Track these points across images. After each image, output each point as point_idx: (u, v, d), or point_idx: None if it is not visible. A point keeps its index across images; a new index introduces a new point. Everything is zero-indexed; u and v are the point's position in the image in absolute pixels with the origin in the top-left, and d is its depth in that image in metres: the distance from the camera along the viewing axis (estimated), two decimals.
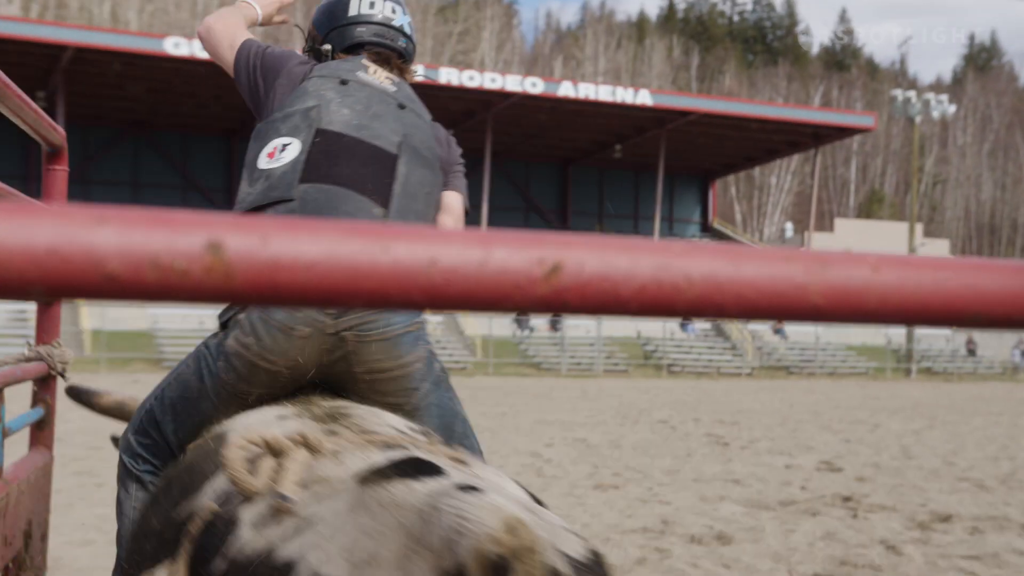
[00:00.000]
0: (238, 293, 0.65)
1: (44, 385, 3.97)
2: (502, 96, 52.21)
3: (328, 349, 3.05)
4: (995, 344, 54.31)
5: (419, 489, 1.98)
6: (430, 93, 45.05)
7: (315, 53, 3.73)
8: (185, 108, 55.53)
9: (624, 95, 53.30)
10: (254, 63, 3.58)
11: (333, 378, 3.14)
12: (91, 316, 42.77)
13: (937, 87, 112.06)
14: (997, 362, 53.37)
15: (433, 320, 47.91)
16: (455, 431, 3.25)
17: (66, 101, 47.11)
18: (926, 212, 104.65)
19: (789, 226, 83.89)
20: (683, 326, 51.56)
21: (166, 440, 3.21)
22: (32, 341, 4.03)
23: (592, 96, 52.67)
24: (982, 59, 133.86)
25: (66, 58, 45.63)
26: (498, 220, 63.45)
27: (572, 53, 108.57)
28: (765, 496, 10.97)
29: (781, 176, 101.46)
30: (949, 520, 9.78)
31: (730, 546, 8.44)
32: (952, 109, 60.60)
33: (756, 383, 41.98)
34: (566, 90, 52.73)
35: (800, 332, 53.06)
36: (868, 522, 9.67)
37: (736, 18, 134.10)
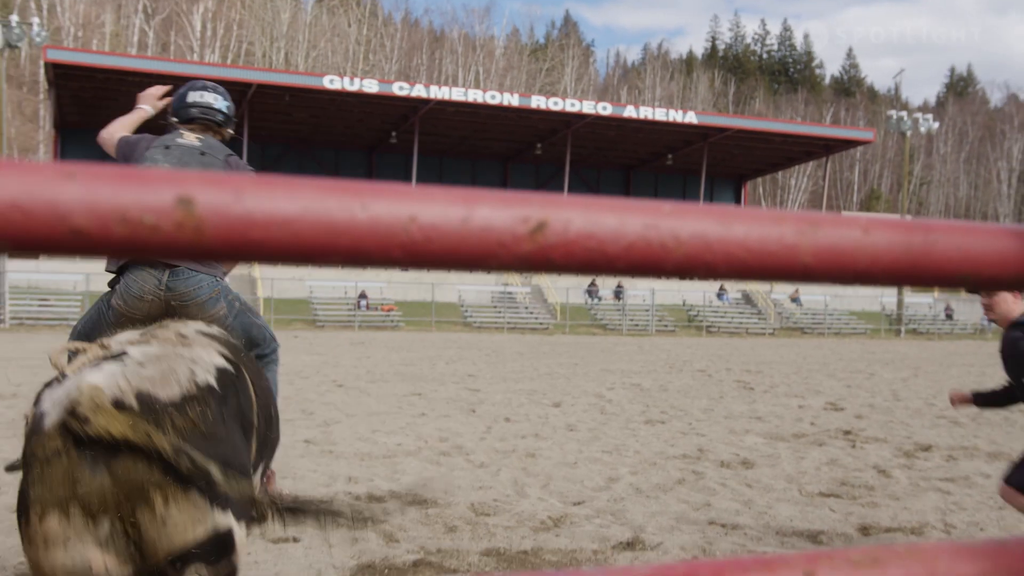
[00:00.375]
0: (209, 249, 0.50)
1: None
2: (579, 117, 52.35)
3: (165, 309, 3.97)
4: (968, 310, 53.98)
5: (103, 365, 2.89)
6: (523, 115, 45.58)
7: (167, 124, 4.64)
8: (337, 129, 56.54)
9: (675, 116, 53.38)
10: (122, 152, 4.53)
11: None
12: (264, 286, 43.37)
13: (924, 108, 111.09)
14: (970, 324, 52.88)
15: (522, 291, 48.02)
16: (253, 333, 4.32)
17: (250, 125, 47.95)
18: (914, 207, 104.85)
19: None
20: (719, 295, 51.21)
21: None
22: None
23: (650, 117, 52.83)
24: (960, 86, 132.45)
25: (251, 92, 46.65)
26: None
27: (635, 83, 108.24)
28: (781, 430, 10.74)
29: (799, 179, 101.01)
30: (929, 449, 9.65)
31: (752, 469, 8.24)
32: (936, 125, 60.38)
33: (777, 341, 41.38)
34: (630, 112, 52.94)
35: (812, 300, 52.66)
36: (864, 451, 9.46)
37: (764, 55, 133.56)
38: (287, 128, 56.68)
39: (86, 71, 44.77)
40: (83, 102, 49.73)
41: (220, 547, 2.87)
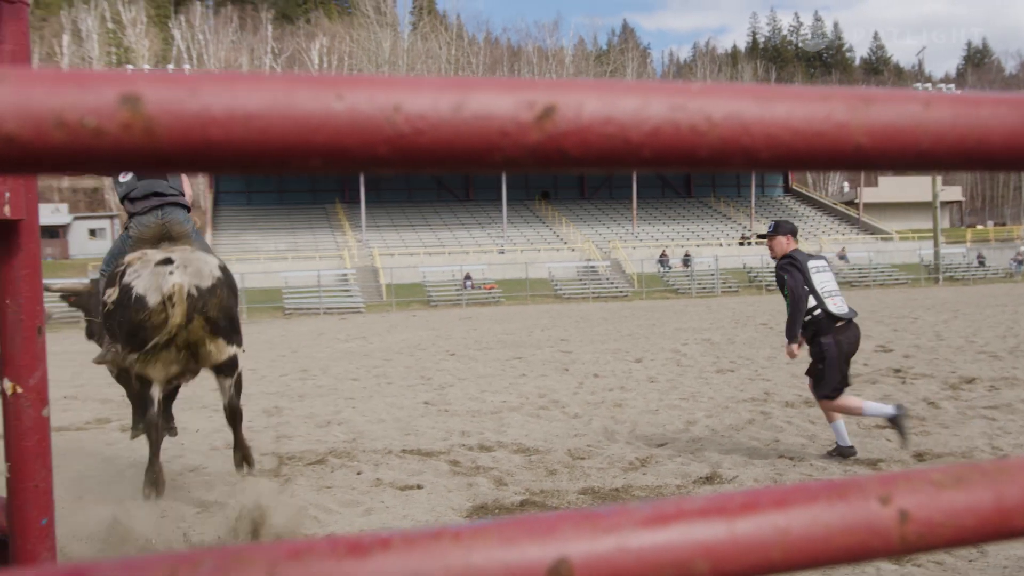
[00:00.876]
0: (163, 153, 0.37)
1: None
2: None
3: (162, 234, 5.05)
4: (999, 256, 51.71)
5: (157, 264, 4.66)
6: None
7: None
8: None
9: None
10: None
11: None
12: (384, 275, 43.85)
13: (946, 80, 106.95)
14: (1001, 269, 50.42)
15: (602, 264, 47.56)
16: (207, 245, 5.42)
17: None
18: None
19: (846, 184, 79.76)
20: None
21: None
22: None
23: None
24: (977, 58, 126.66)
25: None
26: (644, 196, 62.42)
27: (688, 78, 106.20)
28: None
29: None
30: (973, 382, 9.19)
31: (814, 408, 7.91)
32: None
33: None
34: None
35: (857, 256, 50.96)
36: (913, 386, 9.03)
37: (800, 43, 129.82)
38: None
39: None
40: None
41: (234, 362, 5.13)
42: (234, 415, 5.48)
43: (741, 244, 53.45)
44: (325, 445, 7.04)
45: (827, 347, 5.92)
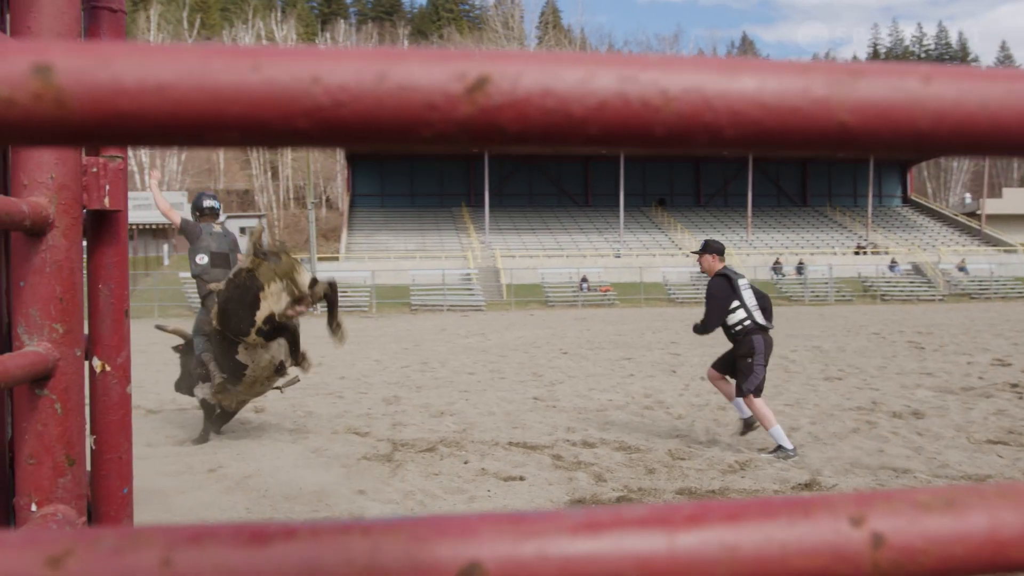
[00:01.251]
0: (75, 125, 0.34)
1: None
2: None
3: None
4: None
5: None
6: None
7: (195, 216, 7.21)
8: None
9: None
10: (185, 230, 7.04)
11: None
12: (505, 275, 44.19)
13: None
14: None
15: None
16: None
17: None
18: None
19: (968, 196, 75.10)
20: (891, 267, 47.61)
21: None
22: None
23: None
24: None
25: None
26: (760, 204, 60.81)
27: None
28: (950, 383, 9.74)
29: (960, 160, 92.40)
30: None
31: (922, 420, 7.49)
32: None
33: (946, 306, 37.86)
34: None
35: (978, 268, 47.90)
36: None
37: (923, 55, 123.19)
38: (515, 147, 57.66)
39: None
40: None
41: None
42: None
43: (856, 254, 51.27)
44: (437, 434, 7.12)
45: (756, 343, 6.44)
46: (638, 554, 0.36)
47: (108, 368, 1.31)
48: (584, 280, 43.54)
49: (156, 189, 7.11)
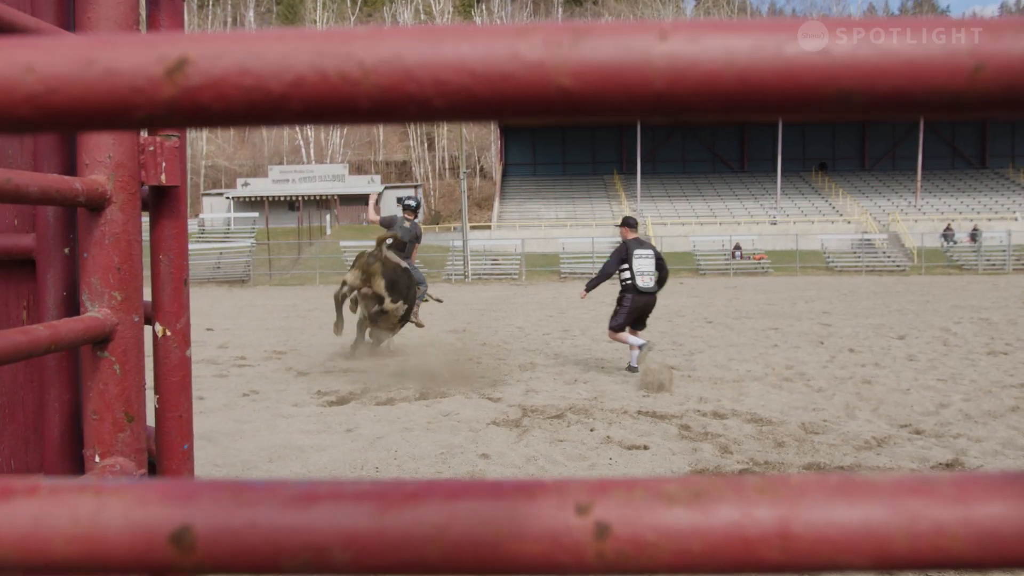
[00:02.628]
0: None
1: None
2: None
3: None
4: None
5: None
6: None
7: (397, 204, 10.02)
8: None
9: None
10: (384, 222, 9.81)
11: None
12: (656, 242, 43.58)
13: None
14: None
15: (879, 237, 44.01)
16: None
17: None
18: None
19: None
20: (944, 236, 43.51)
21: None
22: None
23: None
24: None
25: None
26: (931, 167, 56.93)
27: None
28: None
29: None
30: None
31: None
32: None
33: None
34: None
35: None
36: None
37: None
38: None
39: None
40: None
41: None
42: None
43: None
44: (567, 401, 7.17)
45: (626, 299, 8.88)
46: (347, 529, 0.36)
47: (168, 333, 1.40)
48: (737, 248, 42.32)
49: (372, 203, 10.04)
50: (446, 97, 0.36)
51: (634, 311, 8.80)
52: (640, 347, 8.52)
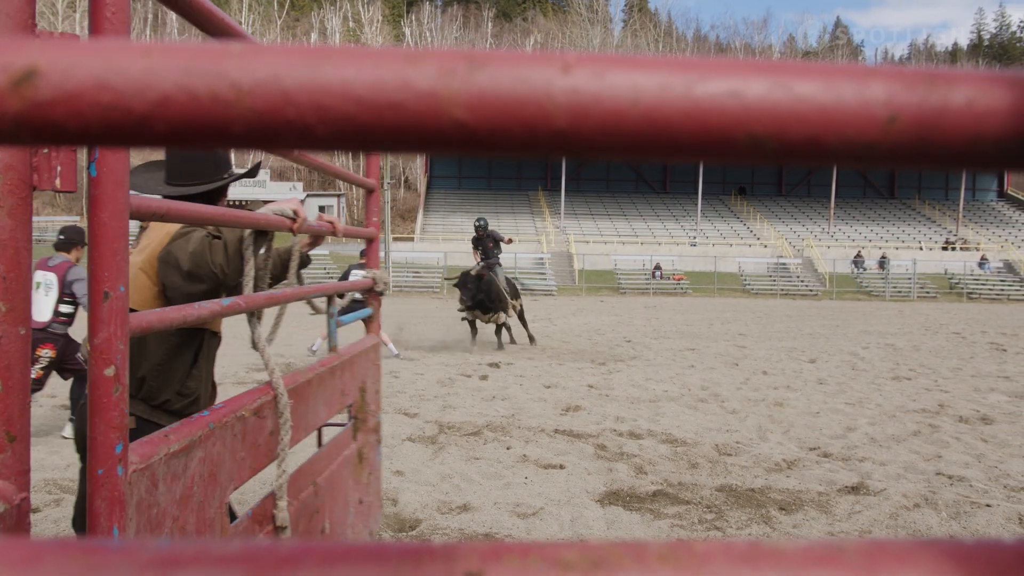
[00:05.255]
0: None
1: (372, 294, 4.07)
2: None
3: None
4: None
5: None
6: None
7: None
8: None
9: None
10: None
11: None
12: (577, 260, 44.02)
13: None
14: None
15: (794, 262, 45.40)
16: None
17: None
18: None
19: None
20: (981, 264, 45.66)
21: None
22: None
23: None
24: None
25: None
26: (844, 195, 58.87)
27: None
28: None
29: None
30: None
31: (990, 426, 7.16)
32: None
33: None
34: None
35: None
36: None
37: None
38: None
39: None
40: None
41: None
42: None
43: (944, 249, 49.35)
44: (484, 418, 7.13)
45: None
46: None
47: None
48: (657, 268, 43.06)
49: (476, 258, 14.05)
50: (328, 125, 0.33)
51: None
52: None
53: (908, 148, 0.36)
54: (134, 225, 1.65)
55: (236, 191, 52.20)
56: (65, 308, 6.30)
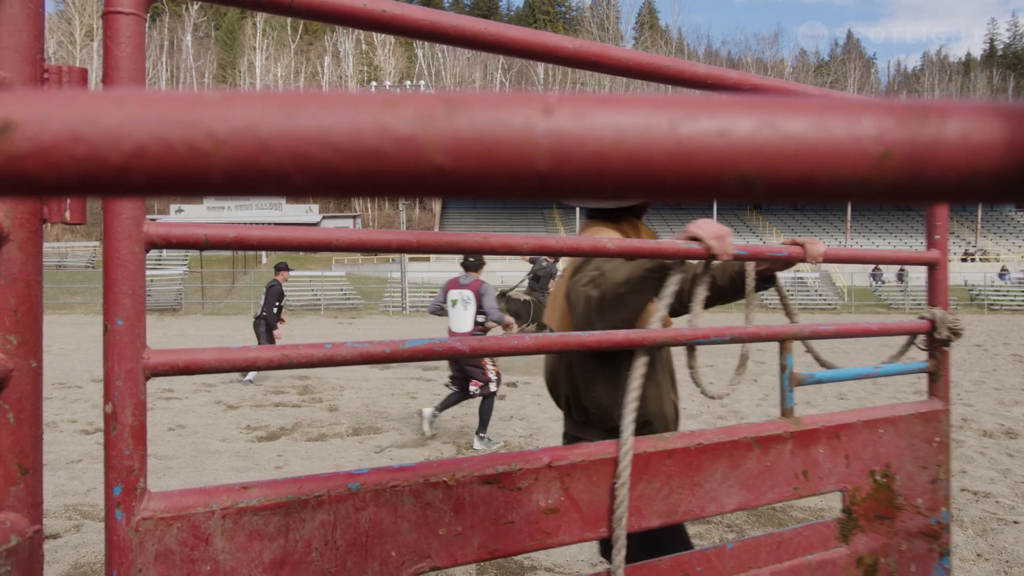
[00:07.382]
0: None
1: (932, 342, 2.56)
2: None
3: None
4: None
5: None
6: None
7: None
8: None
9: None
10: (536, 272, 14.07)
11: None
12: None
13: None
14: None
15: (811, 276, 45.17)
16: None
17: None
18: None
19: None
20: (1001, 275, 45.19)
21: None
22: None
23: None
24: None
25: None
26: (860, 208, 58.62)
27: (914, 87, 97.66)
28: None
29: None
30: None
31: (1016, 440, 7.06)
32: None
33: None
34: None
35: None
36: None
37: None
38: None
39: None
40: None
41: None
42: None
43: (964, 260, 48.92)
44: (502, 438, 7.10)
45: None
46: None
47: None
48: None
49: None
50: (307, 173, 0.33)
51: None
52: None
53: (902, 184, 0.35)
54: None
55: (250, 214, 52.61)
56: (480, 319, 7.06)
